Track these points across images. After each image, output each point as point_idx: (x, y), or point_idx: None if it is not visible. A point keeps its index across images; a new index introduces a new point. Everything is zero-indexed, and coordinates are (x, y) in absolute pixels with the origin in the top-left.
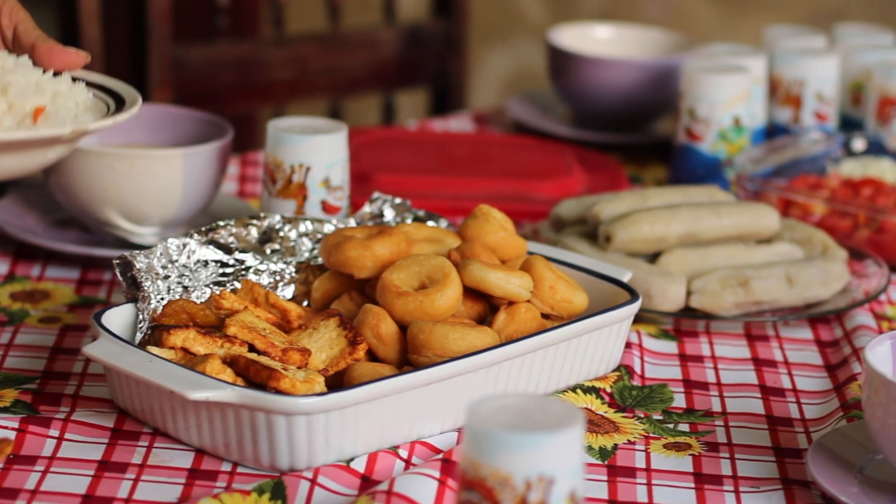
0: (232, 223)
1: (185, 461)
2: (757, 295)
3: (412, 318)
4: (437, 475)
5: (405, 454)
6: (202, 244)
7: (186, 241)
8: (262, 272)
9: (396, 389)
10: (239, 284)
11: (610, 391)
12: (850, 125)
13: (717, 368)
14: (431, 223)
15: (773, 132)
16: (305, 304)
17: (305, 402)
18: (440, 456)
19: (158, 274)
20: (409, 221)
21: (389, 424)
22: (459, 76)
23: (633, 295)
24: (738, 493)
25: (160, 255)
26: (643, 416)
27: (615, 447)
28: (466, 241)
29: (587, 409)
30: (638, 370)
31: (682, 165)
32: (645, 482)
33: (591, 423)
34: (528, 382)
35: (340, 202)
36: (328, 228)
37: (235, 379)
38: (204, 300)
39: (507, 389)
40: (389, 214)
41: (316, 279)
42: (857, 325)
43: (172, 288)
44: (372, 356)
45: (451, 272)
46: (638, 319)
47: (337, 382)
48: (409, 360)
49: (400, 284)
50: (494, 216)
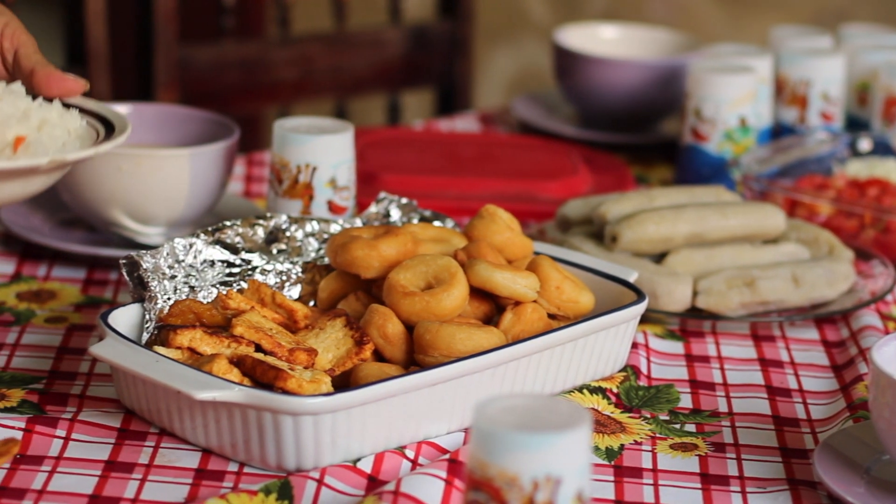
0: (238, 223)
1: (191, 461)
2: (763, 295)
3: (419, 318)
4: (443, 475)
5: (412, 454)
6: (209, 244)
7: (193, 240)
8: (268, 272)
9: (403, 390)
10: (245, 284)
11: (616, 391)
12: (856, 125)
13: (723, 369)
14: (438, 223)
15: (779, 132)
16: (312, 304)
17: (312, 402)
18: (447, 456)
19: (165, 274)
20: (415, 221)
21: (396, 425)
22: (465, 76)
23: (639, 295)
24: (744, 493)
25: (167, 254)
26: (650, 416)
27: (622, 447)
28: (473, 241)
29: (594, 409)
30: (644, 370)
31: (688, 165)
32: (651, 482)
33: (597, 423)
34: (534, 383)
35: (347, 202)
36: (334, 228)
37: (242, 379)
38: (210, 300)
39: (513, 390)
40: (396, 214)
41: (322, 279)
42: (863, 325)
43: (179, 288)
44: (378, 356)
45: (457, 272)
46: (644, 320)
47: (343, 383)
48: (415, 360)
49: (406, 284)
50: (501, 216)
